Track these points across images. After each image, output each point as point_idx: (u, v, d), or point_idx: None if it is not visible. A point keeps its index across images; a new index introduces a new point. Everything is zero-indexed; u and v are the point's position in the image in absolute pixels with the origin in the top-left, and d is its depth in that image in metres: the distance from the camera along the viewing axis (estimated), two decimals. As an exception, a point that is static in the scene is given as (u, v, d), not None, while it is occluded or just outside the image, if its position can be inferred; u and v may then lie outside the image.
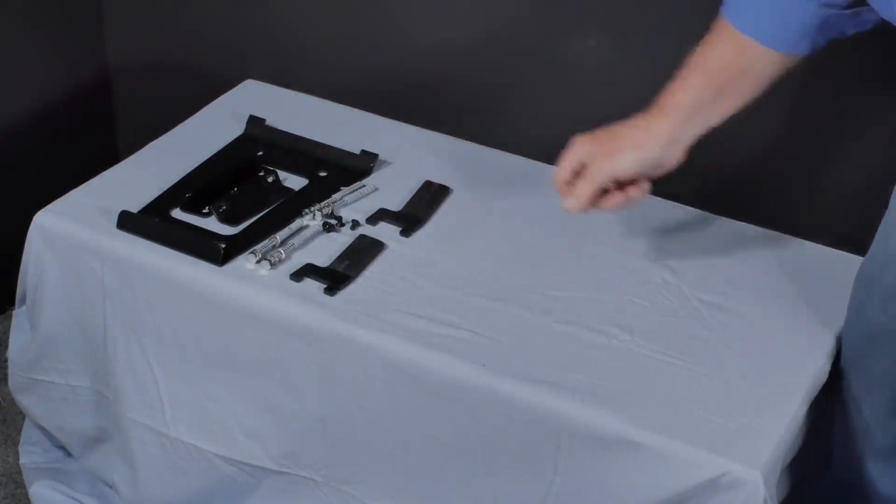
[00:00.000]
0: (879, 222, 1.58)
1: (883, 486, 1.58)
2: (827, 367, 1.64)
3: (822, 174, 2.08)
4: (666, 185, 2.01)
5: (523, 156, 1.99)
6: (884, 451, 1.56)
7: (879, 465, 1.58)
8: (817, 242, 1.84)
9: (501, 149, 2.01)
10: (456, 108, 2.29)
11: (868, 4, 1.58)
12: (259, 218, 1.85)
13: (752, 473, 1.48)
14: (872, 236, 1.60)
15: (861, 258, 1.75)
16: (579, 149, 1.67)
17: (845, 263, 1.77)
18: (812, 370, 1.63)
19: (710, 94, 1.64)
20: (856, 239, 1.81)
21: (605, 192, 1.68)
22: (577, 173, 1.67)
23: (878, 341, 1.54)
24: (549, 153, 1.86)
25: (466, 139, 2.03)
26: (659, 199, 1.91)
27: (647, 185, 1.69)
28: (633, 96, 2.15)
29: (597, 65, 2.17)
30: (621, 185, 1.68)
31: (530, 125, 2.24)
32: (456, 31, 2.28)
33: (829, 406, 1.66)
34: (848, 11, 1.60)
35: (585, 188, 1.66)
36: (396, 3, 2.31)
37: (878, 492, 1.59)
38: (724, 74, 1.63)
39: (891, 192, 1.54)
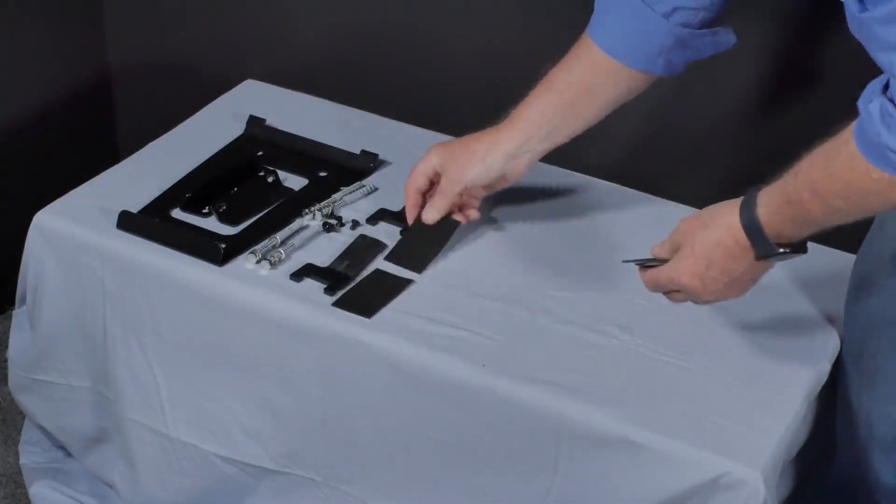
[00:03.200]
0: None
1: (886, 478, 1.58)
2: (827, 367, 1.64)
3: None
4: (667, 186, 2.02)
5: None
6: (885, 441, 1.57)
7: (881, 456, 1.58)
8: (818, 242, 1.84)
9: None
10: (456, 108, 2.29)
11: (724, 25, 1.66)
12: (259, 218, 1.85)
13: (752, 473, 1.48)
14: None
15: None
16: (434, 158, 1.77)
17: (845, 263, 1.77)
18: (812, 370, 1.63)
19: (553, 111, 1.71)
20: (856, 239, 1.81)
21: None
22: (430, 180, 1.78)
23: (877, 329, 1.55)
24: (549, 153, 1.86)
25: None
26: (660, 199, 1.91)
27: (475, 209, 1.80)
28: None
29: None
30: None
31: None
32: (456, 31, 2.28)
33: (833, 399, 1.66)
34: (703, 31, 1.64)
35: (442, 202, 1.76)
36: (396, 3, 2.31)
37: (881, 483, 1.59)
38: (571, 91, 1.70)
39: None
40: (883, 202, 1.36)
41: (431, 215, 1.77)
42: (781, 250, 1.45)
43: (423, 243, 1.78)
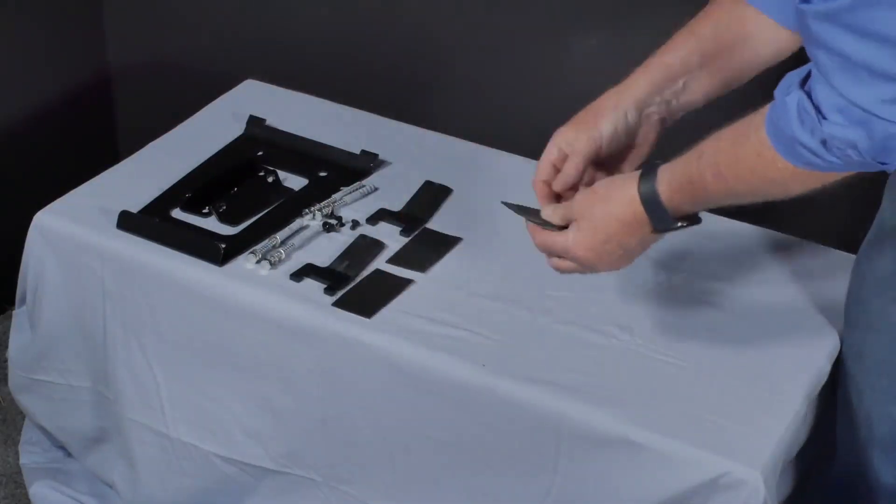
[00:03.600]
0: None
1: (885, 477, 1.58)
2: (827, 367, 1.64)
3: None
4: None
5: (523, 156, 1.99)
6: (885, 441, 1.56)
7: (881, 455, 1.58)
8: (817, 242, 1.84)
9: (501, 149, 2.01)
10: (456, 108, 2.30)
11: None
12: (259, 218, 1.85)
13: (752, 473, 1.48)
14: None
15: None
16: (556, 138, 1.60)
17: (845, 263, 1.77)
18: (812, 370, 1.63)
19: (696, 59, 1.57)
20: (856, 238, 1.81)
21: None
22: (557, 168, 1.60)
23: (877, 328, 1.55)
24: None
25: (466, 139, 2.03)
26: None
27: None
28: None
29: (597, 64, 2.17)
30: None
31: (531, 125, 2.24)
32: (456, 31, 2.28)
33: (833, 399, 1.66)
34: None
35: (574, 162, 1.58)
36: (397, 3, 2.31)
37: (881, 483, 1.59)
38: (714, 42, 1.57)
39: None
40: (783, 191, 1.39)
41: (566, 181, 1.59)
42: (679, 224, 1.48)
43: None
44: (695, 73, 1.58)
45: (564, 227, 1.55)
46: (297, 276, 1.74)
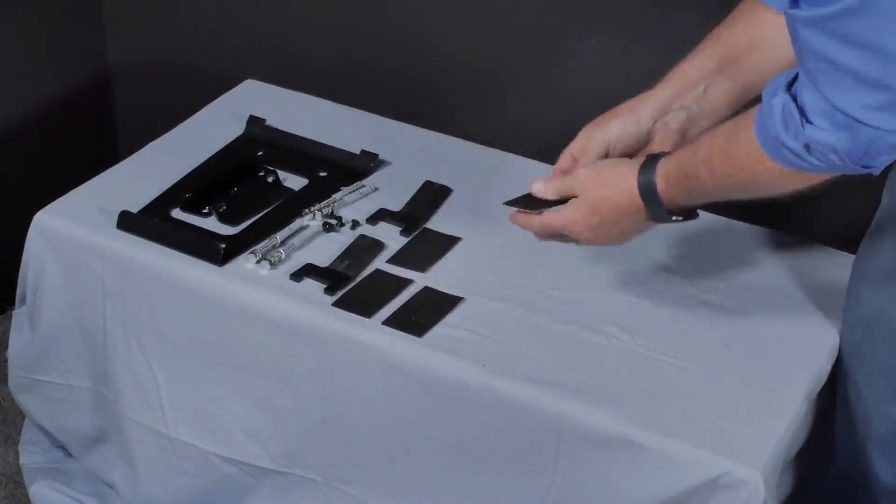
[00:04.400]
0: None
1: (884, 476, 1.58)
2: (827, 367, 1.64)
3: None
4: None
5: (523, 156, 1.99)
6: (884, 440, 1.57)
7: (880, 454, 1.58)
8: (817, 242, 1.84)
9: (501, 149, 2.01)
10: (456, 108, 2.29)
11: None
12: (259, 218, 1.85)
13: (752, 473, 1.48)
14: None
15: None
16: (580, 133, 1.64)
17: (845, 263, 1.77)
18: (812, 370, 1.63)
19: (714, 63, 1.59)
20: (856, 238, 1.81)
21: None
22: (576, 160, 1.64)
23: (876, 326, 1.55)
24: (549, 153, 1.86)
25: (466, 139, 2.03)
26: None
27: None
28: (633, 96, 2.15)
29: (597, 64, 2.17)
30: None
31: (531, 125, 2.24)
32: (456, 31, 2.28)
33: (832, 400, 1.66)
34: None
35: (587, 161, 1.62)
36: (397, 3, 2.31)
37: (881, 482, 1.59)
38: (732, 46, 1.59)
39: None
40: (770, 189, 1.44)
41: (561, 167, 1.64)
42: (674, 218, 1.54)
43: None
44: (714, 77, 1.60)
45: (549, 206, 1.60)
46: (297, 276, 1.74)
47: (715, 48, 1.60)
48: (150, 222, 1.82)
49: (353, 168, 1.95)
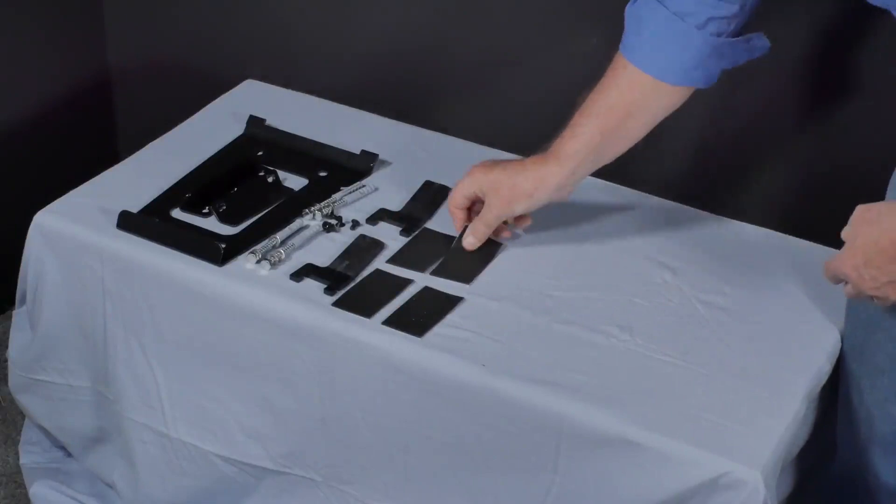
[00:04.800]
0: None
1: (886, 477, 1.58)
2: (827, 367, 1.64)
3: (824, 174, 2.08)
4: (668, 186, 2.02)
5: (523, 156, 1.99)
6: (885, 440, 1.57)
7: (881, 455, 1.58)
8: (817, 242, 1.84)
9: (501, 149, 2.01)
10: (456, 108, 2.29)
11: (757, 31, 1.65)
12: (259, 218, 1.85)
13: (752, 473, 1.48)
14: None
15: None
16: (477, 179, 1.74)
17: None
18: (812, 369, 1.63)
19: (599, 138, 1.69)
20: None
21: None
22: (471, 201, 1.76)
23: (878, 326, 1.55)
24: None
25: (466, 139, 2.03)
26: (659, 198, 1.91)
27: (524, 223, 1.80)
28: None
29: (597, 64, 2.17)
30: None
31: (531, 125, 2.24)
32: (456, 31, 2.28)
33: (832, 399, 1.66)
34: (738, 39, 1.63)
35: (482, 230, 1.75)
36: (397, 4, 2.31)
37: (882, 483, 1.59)
38: (613, 116, 1.68)
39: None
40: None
41: (472, 243, 1.77)
42: None
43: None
44: (601, 148, 1.70)
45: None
46: (297, 276, 1.74)
47: (598, 120, 1.69)
48: (150, 222, 1.82)
49: (353, 168, 1.95)
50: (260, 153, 1.98)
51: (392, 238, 1.82)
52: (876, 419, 1.57)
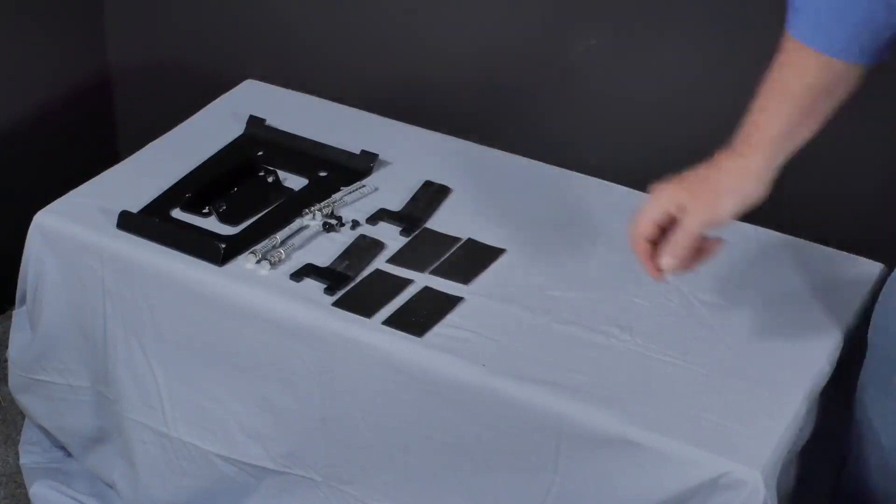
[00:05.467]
0: (880, 222, 1.57)
1: None
2: (827, 368, 1.64)
3: (823, 175, 2.08)
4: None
5: (523, 156, 1.99)
6: None
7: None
8: (817, 243, 1.84)
9: (502, 149, 2.01)
10: (456, 108, 2.29)
11: None
12: (259, 218, 1.85)
13: (752, 473, 1.48)
14: (872, 237, 1.59)
15: (861, 258, 1.76)
16: (666, 199, 1.52)
17: (846, 263, 1.77)
18: (812, 370, 1.63)
19: (797, 118, 1.52)
20: (856, 239, 1.81)
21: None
22: (661, 225, 1.52)
23: None
24: (549, 153, 1.86)
25: (467, 139, 2.03)
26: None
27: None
28: (634, 95, 2.15)
29: (598, 64, 2.17)
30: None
31: (530, 125, 2.24)
32: (456, 30, 2.28)
33: (835, 400, 1.64)
34: None
35: (683, 241, 1.50)
36: (397, 3, 2.31)
37: None
38: (809, 96, 1.52)
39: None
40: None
41: (670, 264, 1.52)
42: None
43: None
44: (797, 132, 1.53)
45: None
46: (297, 276, 1.74)
47: (793, 101, 1.52)
48: (150, 222, 1.82)
49: (353, 168, 1.95)
50: (260, 153, 1.98)
51: (392, 238, 1.82)
52: (891, 459, 1.51)
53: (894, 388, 1.49)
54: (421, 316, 1.68)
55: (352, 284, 1.74)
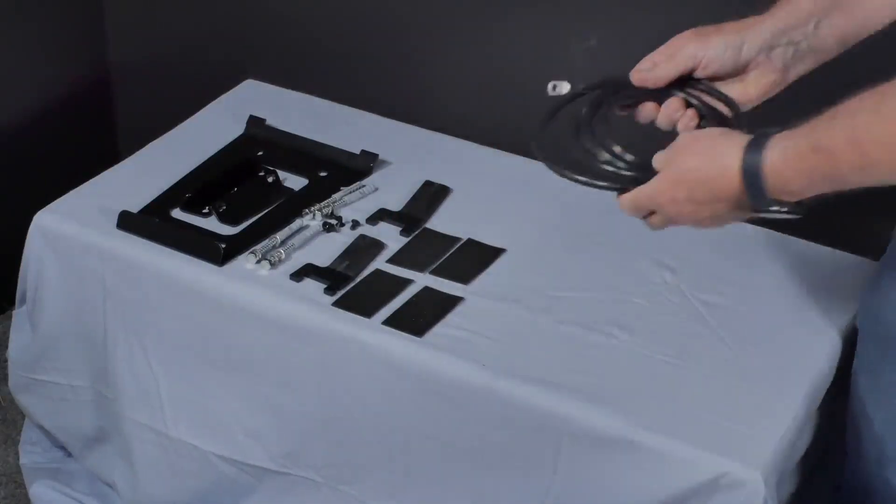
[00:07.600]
0: (880, 223, 1.57)
1: None
2: (828, 368, 1.64)
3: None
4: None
5: (523, 156, 1.99)
6: None
7: (893, 472, 1.54)
8: (817, 243, 1.84)
9: (501, 149, 2.01)
10: (456, 108, 2.29)
11: None
12: (259, 218, 1.85)
13: (752, 473, 1.48)
14: (871, 237, 1.59)
15: (861, 259, 1.75)
16: (676, 40, 1.46)
17: (845, 262, 1.77)
18: (813, 370, 1.63)
19: (823, 5, 1.41)
20: (856, 239, 1.81)
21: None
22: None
23: (893, 347, 1.49)
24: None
25: (466, 139, 2.03)
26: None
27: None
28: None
29: (598, 64, 2.17)
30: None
31: (531, 125, 2.24)
32: (457, 31, 2.28)
33: (841, 409, 1.64)
34: None
35: (667, 69, 1.46)
36: (397, 3, 2.31)
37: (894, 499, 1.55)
38: None
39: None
40: None
41: (642, 76, 1.49)
42: (776, 209, 1.30)
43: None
44: (828, 12, 1.42)
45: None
46: (297, 276, 1.74)
47: None
48: (150, 222, 1.82)
49: (353, 168, 1.95)
50: (260, 153, 1.98)
51: (392, 238, 1.82)
52: (886, 441, 1.51)
53: (884, 371, 1.50)
54: (421, 316, 1.68)
55: (352, 284, 1.74)
